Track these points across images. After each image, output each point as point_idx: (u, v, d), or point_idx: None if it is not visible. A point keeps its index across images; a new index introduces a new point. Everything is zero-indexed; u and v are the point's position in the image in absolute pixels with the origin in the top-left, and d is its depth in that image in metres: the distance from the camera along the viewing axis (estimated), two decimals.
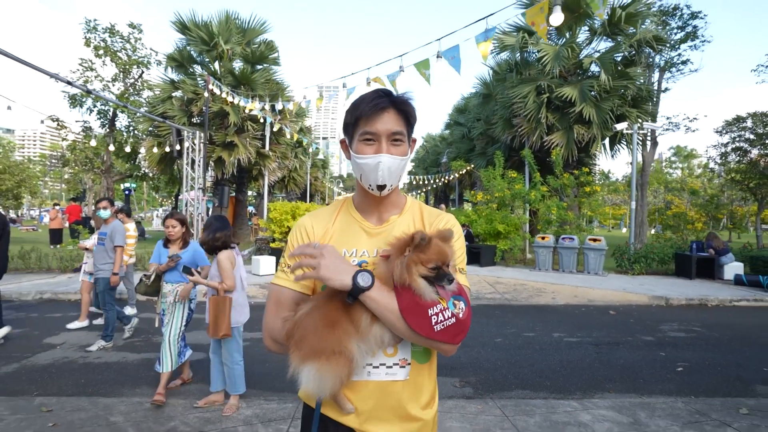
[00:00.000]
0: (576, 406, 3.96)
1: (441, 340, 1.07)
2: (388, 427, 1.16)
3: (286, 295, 1.21)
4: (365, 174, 1.21)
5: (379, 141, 1.19)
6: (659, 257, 12.05)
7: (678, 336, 6.47)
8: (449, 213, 1.30)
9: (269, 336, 1.21)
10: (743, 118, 16.01)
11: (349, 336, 1.08)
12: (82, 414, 3.61)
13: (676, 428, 3.54)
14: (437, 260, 1.05)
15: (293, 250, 1.15)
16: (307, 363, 1.06)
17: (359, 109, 1.19)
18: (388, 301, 1.06)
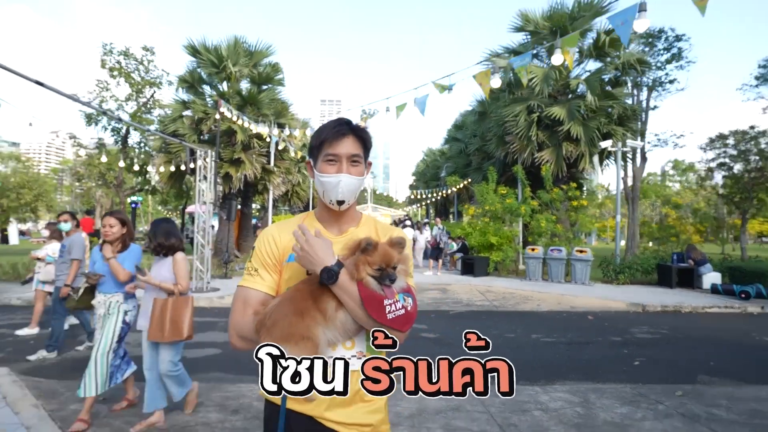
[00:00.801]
0: (538, 390, 4.65)
1: (392, 326, 1.20)
2: (346, 412, 1.29)
3: (253, 296, 1.34)
4: (327, 191, 1.38)
5: (340, 161, 1.36)
6: (643, 268, 12.73)
7: (644, 337, 7.15)
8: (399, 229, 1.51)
9: (236, 333, 1.33)
10: (725, 136, 16.79)
11: (317, 323, 1.21)
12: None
13: (618, 405, 4.23)
14: (381, 262, 1.22)
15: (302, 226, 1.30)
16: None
17: (323, 134, 1.37)
18: (352, 289, 1.22)
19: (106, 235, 3.78)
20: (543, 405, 4.24)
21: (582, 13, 15.06)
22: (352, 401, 1.29)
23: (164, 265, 3.63)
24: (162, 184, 16.84)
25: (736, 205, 16.87)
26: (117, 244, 3.84)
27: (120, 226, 3.84)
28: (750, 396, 4.50)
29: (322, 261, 1.21)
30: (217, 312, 8.75)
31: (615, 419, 3.91)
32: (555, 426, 3.75)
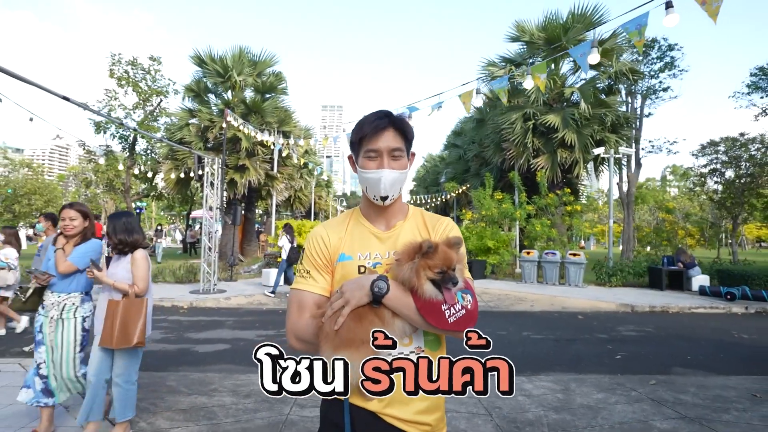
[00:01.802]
0: (524, 379, 5.07)
1: (454, 329, 1.19)
2: (406, 409, 1.27)
3: (307, 298, 1.33)
4: (370, 187, 1.37)
5: (381, 156, 1.34)
6: (634, 271, 13.14)
7: (629, 334, 7.57)
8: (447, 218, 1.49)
9: (294, 336, 1.32)
10: (717, 143, 17.24)
11: (376, 327, 1.19)
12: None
13: (595, 392, 4.65)
14: (443, 265, 1.19)
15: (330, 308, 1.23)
16: (339, 352, 1.16)
17: (362, 129, 1.34)
18: (406, 301, 1.19)
19: (65, 228, 3.37)
20: (527, 392, 4.66)
21: (575, 25, 15.56)
22: (412, 398, 1.23)
23: (122, 263, 3.28)
24: (168, 190, 17.32)
25: (727, 210, 17.27)
26: (77, 238, 3.45)
27: (81, 219, 3.42)
28: (717, 384, 4.92)
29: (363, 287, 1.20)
30: (224, 312, 9.18)
31: (590, 403, 4.33)
32: (535, 408, 4.18)
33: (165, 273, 12.80)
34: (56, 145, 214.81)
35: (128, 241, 3.27)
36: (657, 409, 4.14)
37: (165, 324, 7.88)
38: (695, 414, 4.02)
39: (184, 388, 4.54)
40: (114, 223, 3.31)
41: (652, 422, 3.84)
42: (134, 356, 3.28)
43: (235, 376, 5.01)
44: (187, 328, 7.60)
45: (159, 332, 7.22)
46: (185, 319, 8.41)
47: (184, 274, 12.75)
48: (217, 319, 8.46)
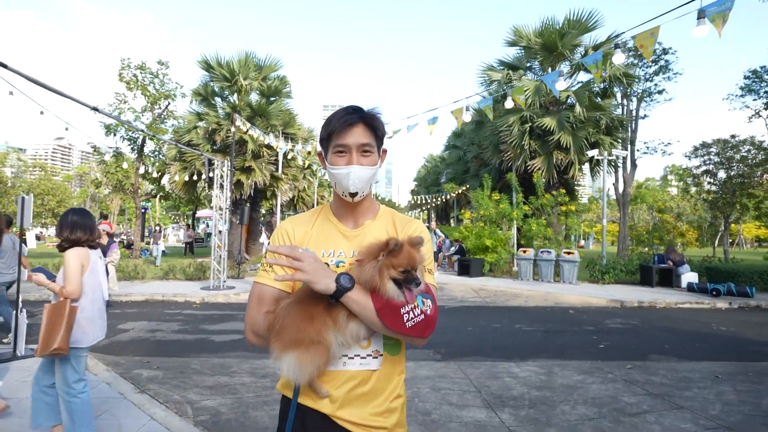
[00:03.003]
0: (512, 365, 5.60)
1: (412, 335, 1.17)
2: (360, 413, 1.25)
3: (268, 293, 1.30)
4: (338, 182, 1.33)
5: (350, 152, 1.30)
6: (626, 268, 13.65)
7: (615, 327, 8.08)
8: (419, 221, 1.47)
9: (251, 330, 1.29)
10: (709, 144, 17.74)
11: (327, 327, 1.16)
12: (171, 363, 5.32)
13: (575, 375, 5.17)
14: (407, 265, 1.15)
15: (275, 247, 1.21)
16: (288, 352, 1.14)
17: (331, 125, 1.30)
18: (366, 302, 1.15)
19: None
20: (513, 374, 5.19)
21: (571, 30, 16.06)
22: (367, 401, 1.26)
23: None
24: (177, 191, 17.89)
25: (719, 210, 17.75)
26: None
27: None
28: (686, 368, 5.44)
29: (329, 275, 1.16)
30: (234, 306, 9.73)
31: (569, 383, 4.85)
32: (519, 387, 4.71)
33: (176, 271, 13.36)
34: (59, 144, 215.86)
35: (71, 238, 3.04)
36: (627, 388, 4.67)
37: (181, 317, 8.44)
38: (660, 391, 4.54)
39: (207, 370, 5.09)
40: (62, 220, 3.13)
41: (621, 397, 4.37)
42: (66, 364, 2.93)
43: (251, 361, 5.55)
44: (201, 321, 8.15)
45: (176, 324, 7.77)
46: (199, 312, 8.96)
47: (194, 272, 13.30)
48: (228, 312, 9.00)
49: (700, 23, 5.28)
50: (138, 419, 3.53)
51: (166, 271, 13.44)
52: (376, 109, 1.35)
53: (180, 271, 13.31)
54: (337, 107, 1.42)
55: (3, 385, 4.24)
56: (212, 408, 3.94)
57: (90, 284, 3.05)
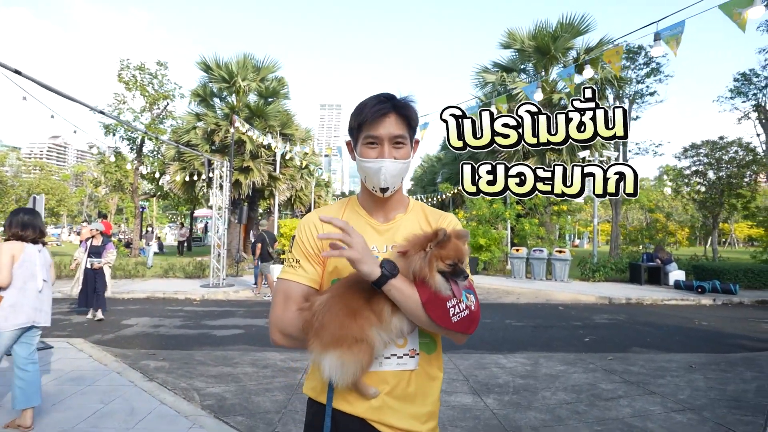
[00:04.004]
0: (500, 356, 5.90)
1: (457, 330, 1.12)
2: (400, 417, 1.18)
3: (295, 290, 1.23)
4: (369, 177, 1.26)
5: (382, 145, 1.23)
6: (616, 267, 14.00)
7: (601, 322, 8.41)
8: (451, 214, 1.41)
9: (279, 330, 1.22)
10: (698, 146, 18.12)
11: (371, 324, 1.11)
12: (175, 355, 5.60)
13: (559, 365, 5.48)
14: (455, 257, 1.11)
15: (329, 217, 1.13)
16: (329, 351, 1.08)
17: (362, 114, 1.23)
18: (411, 292, 1.09)
19: None
20: (501, 365, 5.49)
21: (563, 34, 16.39)
22: (407, 403, 1.20)
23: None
24: (176, 190, 18.12)
25: (708, 209, 18.15)
26: None
27: None
28: (663, 359, 5.76)
29: (370, 267, 1.08)
30: (233, 303, 10.00)
31: (552, 372, 5.16)
32: (505, 376, 5.01)
33: (175, 269, 13.61)
34: (54, 143, 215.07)
35: (19, 234, 3.38)
36: (606, 377, 4.98)
37: (182, 313, 8.71)
38: (636, 379, 4.86)
39: (210, 362, 5.37)
40: (11, 218, 3.45)
41: (599, 385, 4.68)
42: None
43: (252, 354, 5.83)
44: (202, 317, 8.42)
45: (178, 320, 8.05)
46: (199, 309, 9.23)
47: (193, 270, 13.55)
48: (228, 309, 9.27)
49: (657, 44, 5.83)
50: (149, 403, 3.81)
51: (166, 269, 13.69)
52: (410, 96, 1.28)
53: (180, 269, 13.57)
54: (335, 107, 1.39)
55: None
56: (217, 394, 4.22)
57: (21, 275, 3.32)
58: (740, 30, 4.10)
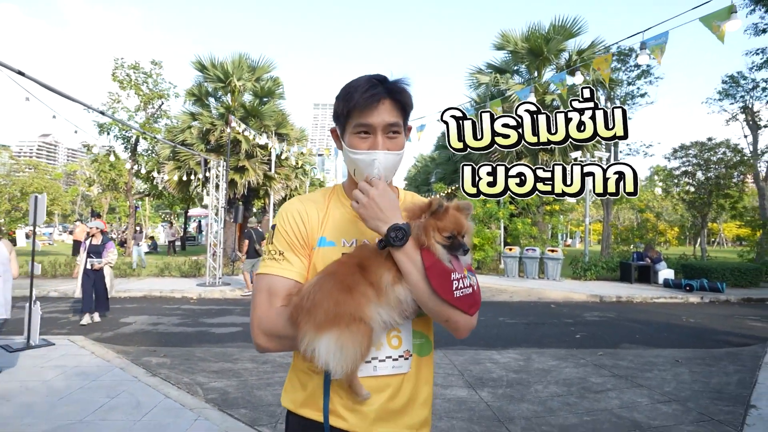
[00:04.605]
0: (494, 352, 6.06)
1: (458, 306, 1.00)
2: (396, 427, 1.10)
3: (280, 285, 1.09)
4: (359, 169, 1.14)
5: (375, 134, 1.11)
6: (607, 266, 14.25)
7: (592, 319, 8.61)
8: None
9: (262, 331, 1.08)
10: (687, 147, 18.44)
11: (369, 300, 1.00)
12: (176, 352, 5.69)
13: (551, 360, 5.65)
14: (453, 229, 1.02)
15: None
16: (325, 332, 0.96)
17: (353, 99, 1.09)
18: (416, 256, 1.00)
19: None
20: (494, 360, 5.65)
21: (556, 36, 16.62)
22: (403, 412, 1.12)
23: None
24: (171, 189, 18.13)
25: (697, 209, 18.48)
26: None
27: None
28: (651, 354, 5.95)
29: (389, 218, 1.01)
30: (230, 302, 10.09)
31: (544, 367, 5.33)
32: (499, 371, 5.17)
33: (171, 268, 13.64)
34: (44, 142, 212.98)
35: None
36: (596, 371, 5.16)
37: (180, 312, 8.78)
38: (624, 373, 5.04)
39: (211, 358, 5.48)
40: None
41: (589, 378, 4.85)
42: None
43: (252, 350, 5.92)
44: (200, 315, 8.50)
45: (176, 318, 8.13)
46: (197, 307, 9.31)
47: (189, 269, 13.60)
48: (225, 307, 9.36)
49: (642, 53, 6.09)
50: (154, 397, 3.92)
51: (161, 268, 13.72)
52: (404, 79, 1.15)
53: (175, 268, 13.61)
54: (328, 106, 1.16)
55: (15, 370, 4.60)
56: (220, 388, 4.33)
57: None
58: (719, 41, 4.30)
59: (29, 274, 5.91)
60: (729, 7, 4.15)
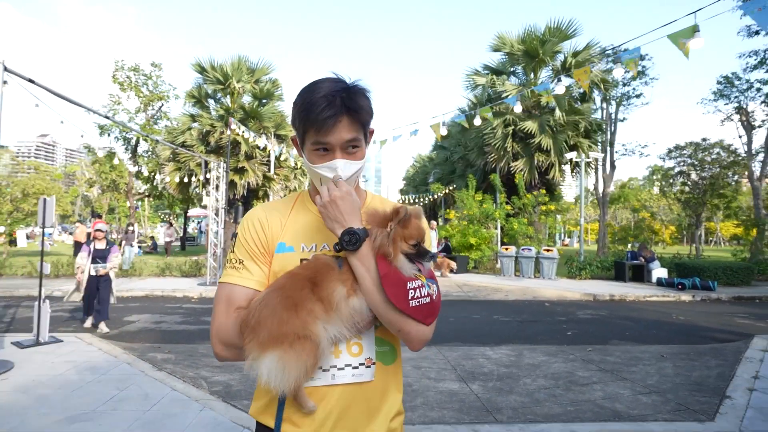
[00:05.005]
0: (486, 348, 6.28)
1: (414, 316, 1.00)
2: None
3: (239, 294, 1.09)
4: (324, 179, 1.13)
5: (333, 151, 1.10)
6: (602, 265, 14.48)
7: (584, 317, 8.83)
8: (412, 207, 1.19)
9: (220, 341, 1.08)
10: (682, 147, 18.71)
11: (316, 318, 0.98)
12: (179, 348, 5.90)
13: (541, 356, 5.87)
14: (417, 237, 1.02)
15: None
16: (268, 351, 0.95)
17: (309, 118, 1.07)
18: (371, 263, 1.00)
19: None
20: (487, 356, 5.87)
21: (551, 38, 16.84)
22: (364, 422, 1.09)
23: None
24: (171, 190, 18.33)
25: (692, 209, 18.73)
26: None
27: None
28: (638, 350, 6.17)
29: (346, 221, 1.01)
30: None
31: (534, 363, 5.55)
32: (491, 365, 5.38)
33: (172, 268, 13.85)
34: (42, 142, 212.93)
35: None
36: (584, 366, 5.38)
37: (182, 310, 8.99)
38: (611, 368, 5.26)
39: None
40: None
41: (576, 372, 5.07)
42: None
43: None
44: (201, 314, 8.71)
45: (179, 316, 8.34)
46: (198, 306, 9.52)
47: (190, 269, 13.81)
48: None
49: (617, 66, 6.62)
50: (161, 390, 4.13)
51: (162, 268, 13.92)
52: (362, 87, 1.12)
53: (176, 268, 13.82)
54: None
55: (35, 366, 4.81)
56: (224, 382, 4.54)
57: None
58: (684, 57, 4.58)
59: (38, 274, 6.11)
60: (692, 27, 4.45)
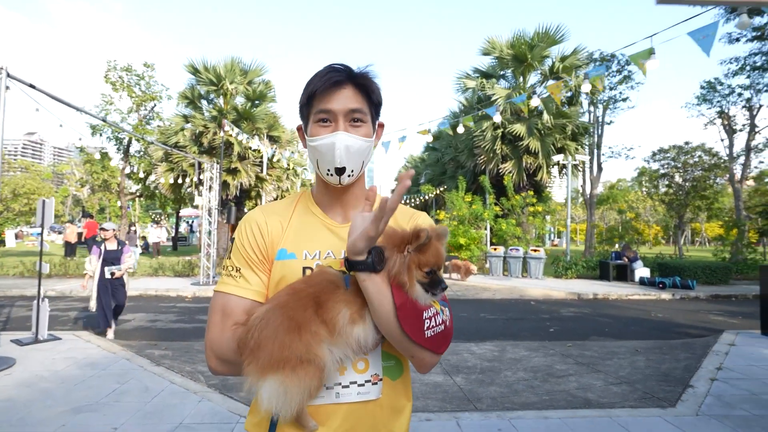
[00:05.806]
0: (471, 345, 6.55)
1: (428, 347, 0.94)
2: None
3: (235, 305, 1.02)
4: (321, 157, 1.06)
5: (336, 121, 1.04)
6: (587, 265, 14.87)
7: (567, 315, 9.16)
8: (423, 213, 1.22)
9: (214, 354, 1.02)
10: (666, 150, 19.20)
11: (320, 340, 0.92)
12: (176, 345, 6.11)
13: (523, 351, 6.16)
14: (434, 264, 0.94)
15: None
16: (268, 376, 0.89)
17: (312, 84, 1.04)
18: (386, 291, 0.91)
19: None
20: (471, 351, 6.15)
21: (539, 43, 17.21)
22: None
23: None
24: (164, 191, 18.42)
25: (675, 210, 19.23)
26: None
27: None
28: (615, 345, 6.49)
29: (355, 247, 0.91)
30: None
31: (516, 357, 5.83)
32: (474, 360, 5.66)
33: (165, 268, 13.99)
34: (29, 140, 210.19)
35: None
36: (562, 360, 5.68)
37: (176, 309, 9.17)
38: (587, 361, 5.56)
39: None
40: None
41: (554, 366, 5.36)
42: None
43: None
44: (195, 313, 8.90)
45: (173, 315, 8.52)
46: (192, 305, 9.70)
47: (183, 269, 13.96)
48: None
49: (585, 83, 7.52)
50: (160, 383, 4.35)
51: (156, 268, 14.05)
52: (370, 69, 1.08)
53: (169, 268, 13.95)
54: None
55: (36, 363, 5.00)
56: (220, 376, 4.76)
57: None
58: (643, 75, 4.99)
59: (30, 274, 6.27)
60: (649, 50, 4.87)
